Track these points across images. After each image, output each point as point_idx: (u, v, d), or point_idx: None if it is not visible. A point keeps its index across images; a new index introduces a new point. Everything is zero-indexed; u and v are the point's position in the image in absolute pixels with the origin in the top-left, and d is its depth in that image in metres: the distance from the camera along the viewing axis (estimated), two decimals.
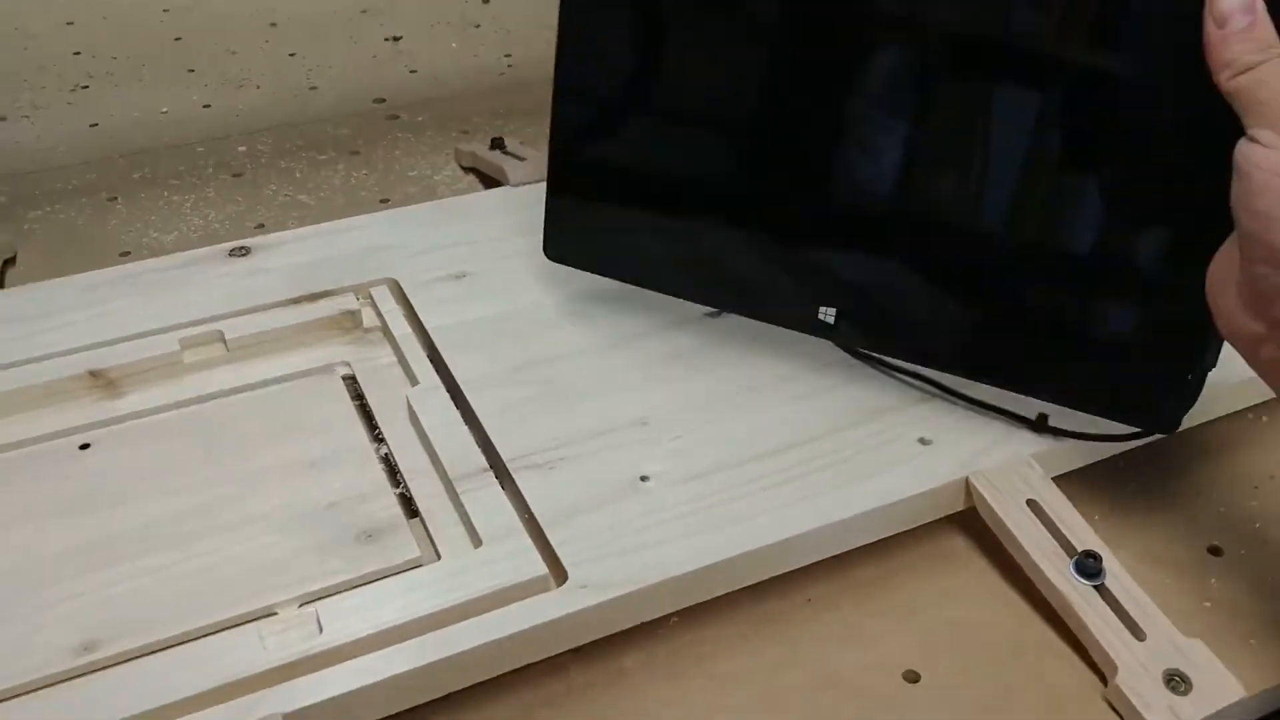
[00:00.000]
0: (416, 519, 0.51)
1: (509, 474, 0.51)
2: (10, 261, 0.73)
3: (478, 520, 0.49)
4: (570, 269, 0.60)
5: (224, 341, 0.60)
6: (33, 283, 0.65)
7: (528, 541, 0.48)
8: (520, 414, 0.55)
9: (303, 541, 0.49)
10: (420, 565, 0.48)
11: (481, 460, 0.52)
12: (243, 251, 0.67)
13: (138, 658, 0.44)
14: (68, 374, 0.57)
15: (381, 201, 0.79)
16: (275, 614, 0.46)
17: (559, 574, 0.47)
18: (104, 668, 0.44)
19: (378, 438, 0.56)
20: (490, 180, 0.81)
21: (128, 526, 0.50)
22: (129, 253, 0.74)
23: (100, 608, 0.46)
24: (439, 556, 0.49)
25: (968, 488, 0.51)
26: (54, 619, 0.46)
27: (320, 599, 0.47)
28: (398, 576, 0.47)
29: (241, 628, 0.45)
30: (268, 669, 0.42)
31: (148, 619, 0.46)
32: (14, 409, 0.56)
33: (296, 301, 0.62)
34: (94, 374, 0.57)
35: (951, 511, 0.52)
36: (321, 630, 0.44)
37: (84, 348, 0.59)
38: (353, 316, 0.62)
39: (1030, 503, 0.50)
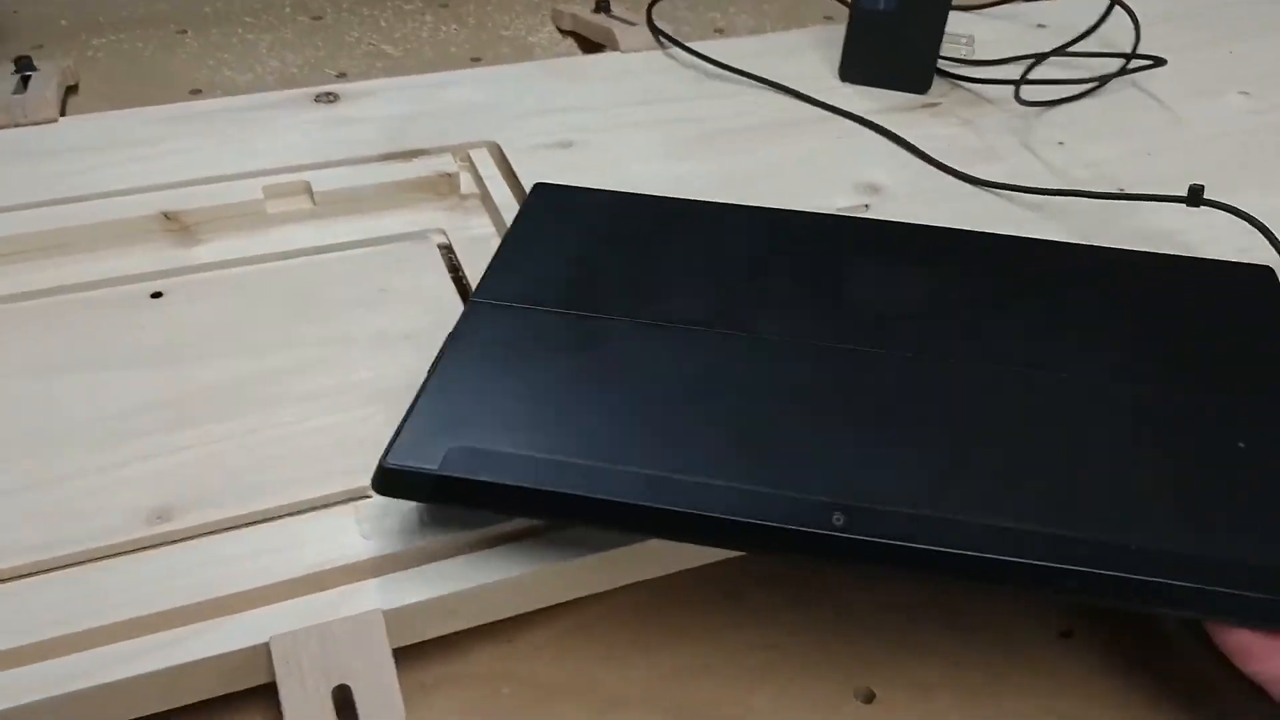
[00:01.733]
0: None
1: None
2: (72, 89, 0.67)
3: None
4: None
5: (310, 194, 0.54)
6: (96, 112, 0.60)
7: None
8: None
9: (398, 418, 0.44)
10: None
11: None
12: (330, 98, 0.61)
13: (215, 532, 0.40)
14: (139, 214, 0.52)
15: (473, 60, 0.73)
16: (370, 496, 0.42)
17: None
18: (178, 540, 0.39)
19: None
20: (591, 46, 0.74)
21: (204, 385, 0.45)
22: (200, 90, 0.68)
23: (174, 473, 0.42)
24: None
25: None
26: (124, 480, 0.41)
27: None
28: None
29: (333, 509, 0.41)
30: (365, 558, 0.38)
31: (226, 489, 0.41)
32: (79, 247, 0.51)
33: (389, 158, 0.57)
34: (168, 216, 0.52)
35: None
36: (424, 522, 0.39)
37: (156, 186, 0.53)
38: (450, 180, 0.56)
39: None
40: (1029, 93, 0.64)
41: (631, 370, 0.41)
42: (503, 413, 0.39)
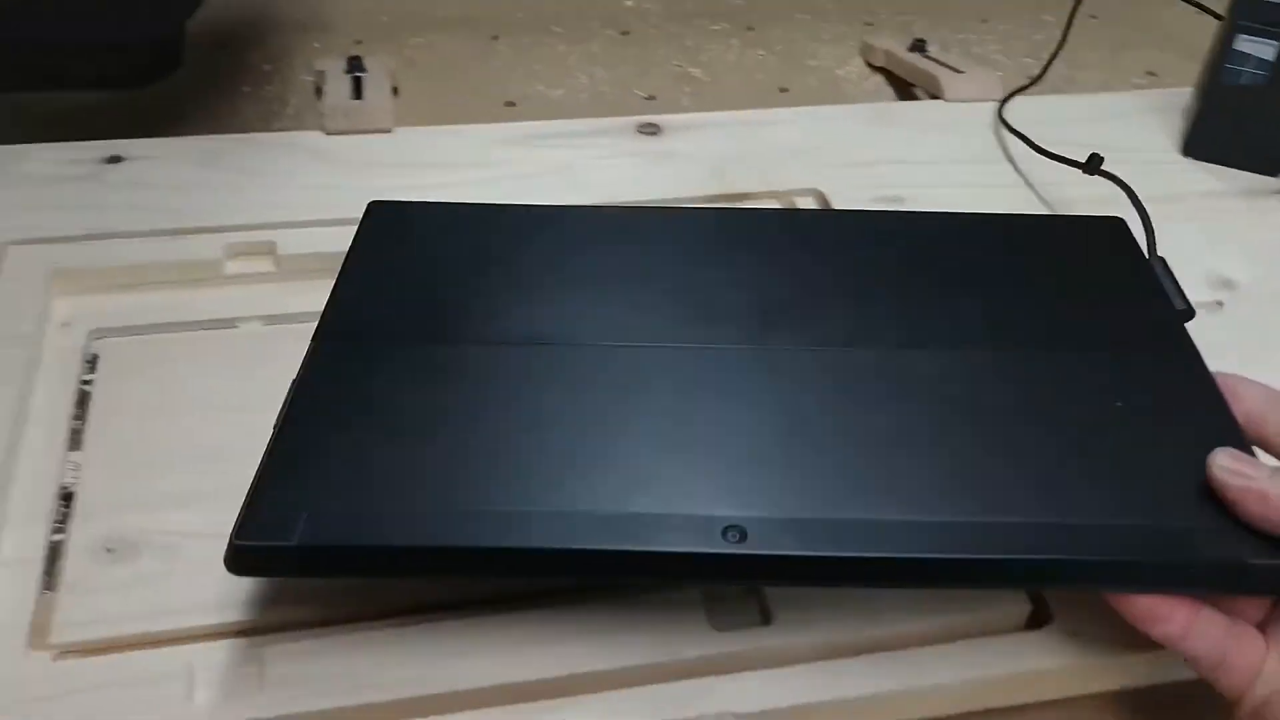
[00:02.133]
0: None
1: None
2: (394, 91, 0.68)
3: None
4: None
5: None
6: (419, 126, 0.60)
7: None
8: None
9: None
10: None
11: None
12: (652, 130, 0.60)
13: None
14: None
15: (780, 91, 0.71)
16: None
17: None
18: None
19: None
20: (900, 84, 0.71)
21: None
22: (514, 103, 0.68)
23: None
24: None
25: None
26: None
27: None
28: None
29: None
30: (712, 653, 0.37)
31: None
32: None
33: (715, 199, 0.56)
34: None
35: None
36: (769, 619, 0.38)
37: None
38: None
39: None
40: None
41: (493, 401, 0.38)
42: (361, 466, 0.35)
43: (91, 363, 0.47)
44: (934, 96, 0.66)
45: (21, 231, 0.50)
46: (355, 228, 0.46)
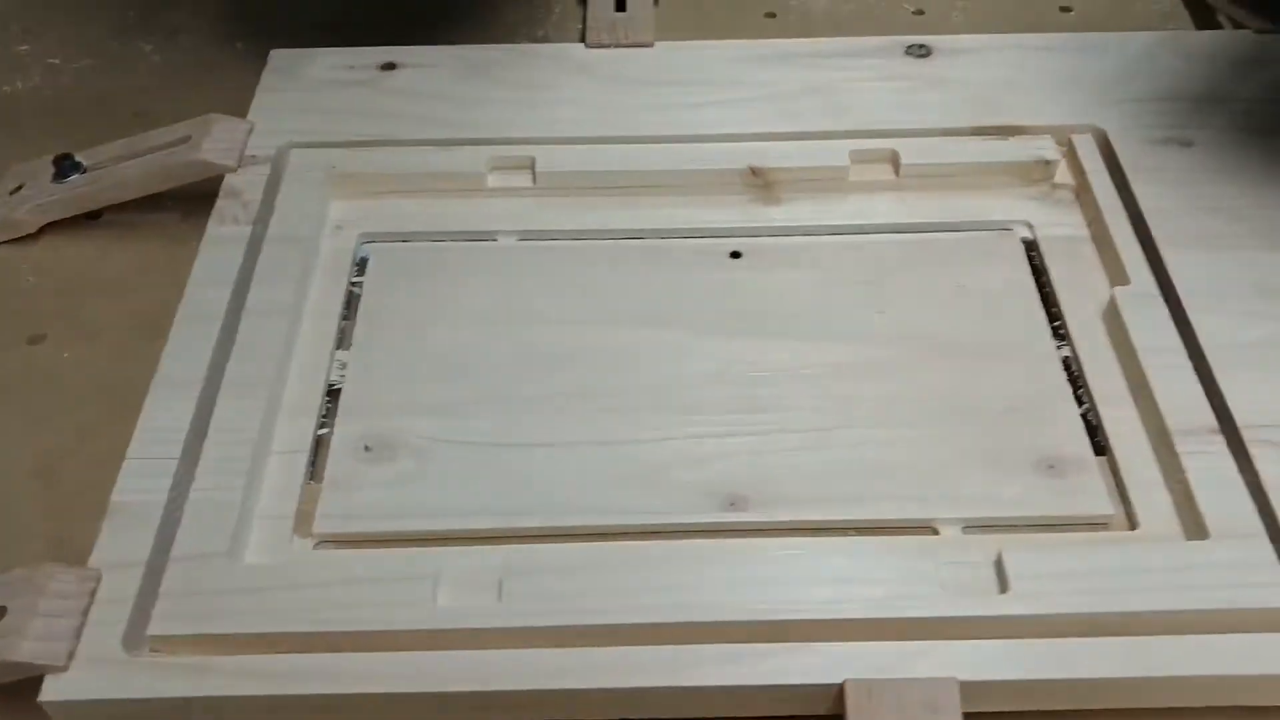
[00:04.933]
0: (1104, 458, 0.42)
1: (1243, 445, 0.40)
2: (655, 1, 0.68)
3: (1202, 499, 0.39)
4: None
5: (895, 165, 0.51)
6: (679, 41, 0.59)
7: (1270, 551, 0.38)
8: (1263, 358, 0.43)
9: (969, 441, 0.42)
10: (1107, 526, 0.40)
11: (1209, 417, 0.41)
12: (922, 51, 0.57)
13: (783, 534, 0.39)
14: (726, 165, 0.51)
15: (1062, 10, 0.66)
16: (936, 531, 0.40)
17: None
18: (748, 533, 0.40)
19: (1059, 332, 0.46)
20: (1200, 9, 0.65)
21: (772, 363, 0.45)
22: (774, 14, 0.66)
23: (743, 457, 0.42)
24: (1133, 524, 0.40)
25: None
26: (696, 457, 0.42)
27: (991, 528, 0.39)
28: (1086, 535, 0.39)
29: (905, 538, 0.39)
30: (942, 615, 0.36)
31: (794, 487, 0.41)
32: (662, 191, 0.51)
33: (981, 132, 0.53)
34: (755, 172, 0.51)
35: None
36: (1006, 586, 0.37)
37: (743, 136, 0.53)
38: (1045, 167, 0.51)
39: None
40: None
41: None
42: None
43: (361, 265, 0.49)
44: (1239, 26, 0.60)
45: (303, 135, 0.53)
46: (613, 147, 0.46)
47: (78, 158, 0.52)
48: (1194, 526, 0.39)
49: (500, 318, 0.47)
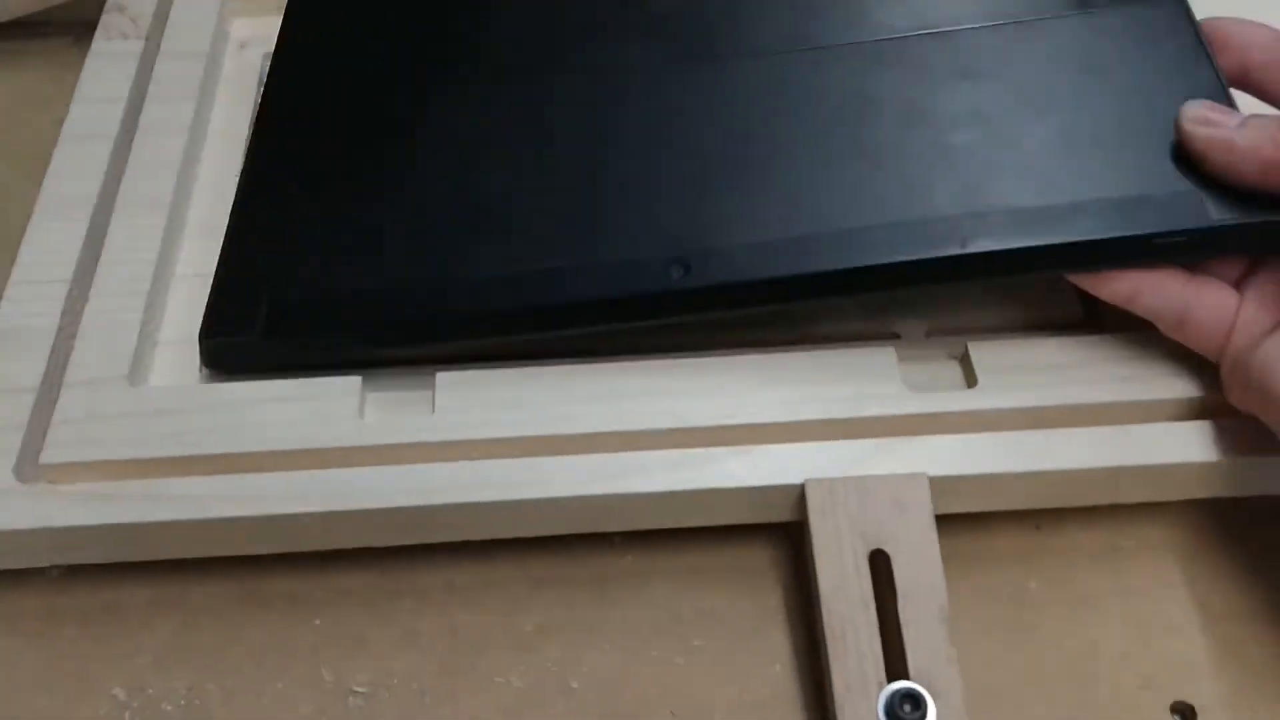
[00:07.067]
0: None
1: None
2: None
3: None
4: None
5: None
6: None
7: None
8: None
9: None
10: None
11: None
12: None
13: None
14: None
15: None
16: (897, 335, 0.37)
17: None
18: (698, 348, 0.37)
19: None
20: None
21: None
22: None
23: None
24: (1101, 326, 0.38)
25: None
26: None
27: (956, 332, 0.37)
28: (1056, 340, 0.37)
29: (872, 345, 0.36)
30: (910, 413, 0.34)
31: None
32: None
33: None
34: None
35: None
36: (974, 380, 0.35)
37: None
38: None
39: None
40: None
41: (450, 156, 0.37)
42: (323, 241, 0.35)
43: None
44: None
45: None
46: None
47: None
48: None
49: None
